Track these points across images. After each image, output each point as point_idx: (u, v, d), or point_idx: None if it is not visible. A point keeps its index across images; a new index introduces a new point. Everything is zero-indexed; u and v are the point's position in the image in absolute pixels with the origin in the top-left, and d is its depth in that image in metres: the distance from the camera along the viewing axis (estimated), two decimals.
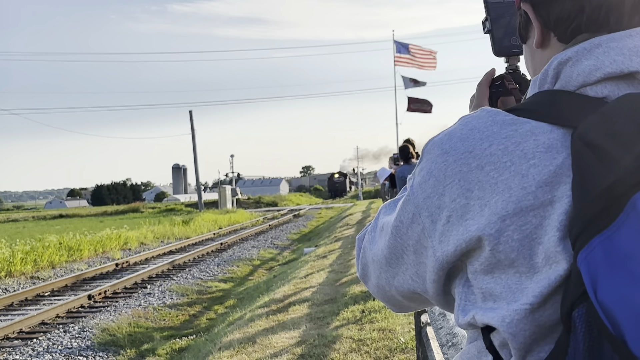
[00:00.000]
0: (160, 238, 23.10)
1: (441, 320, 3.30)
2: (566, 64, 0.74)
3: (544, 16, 0.79)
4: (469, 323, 0.74)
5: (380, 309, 6.49)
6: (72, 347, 8.17)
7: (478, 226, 0.70)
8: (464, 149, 0.73)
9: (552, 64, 0.76)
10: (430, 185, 0.76)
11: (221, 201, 46.56)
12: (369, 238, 0.91)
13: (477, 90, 1.07)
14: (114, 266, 15.19)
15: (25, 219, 47.46)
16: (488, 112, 0.76)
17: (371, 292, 0.95)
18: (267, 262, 16.39)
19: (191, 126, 45.12)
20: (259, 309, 7.93)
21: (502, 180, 0.70)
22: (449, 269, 0.76)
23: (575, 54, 0.74)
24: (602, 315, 0.59)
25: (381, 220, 0.88)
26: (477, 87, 1.08)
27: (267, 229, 26.47)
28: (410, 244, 0.80)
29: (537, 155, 0.69)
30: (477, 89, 1.08)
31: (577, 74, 0.73)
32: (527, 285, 0.68)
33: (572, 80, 0.74)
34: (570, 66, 0.74)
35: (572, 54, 0.74)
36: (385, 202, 0.94)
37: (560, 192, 0.68)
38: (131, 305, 10.60)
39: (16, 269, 14.69)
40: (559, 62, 0.75)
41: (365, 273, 0.92)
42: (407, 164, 8.45)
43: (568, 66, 0.74)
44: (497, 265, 0.70)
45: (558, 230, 0.67)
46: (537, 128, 0.71)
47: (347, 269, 9.98)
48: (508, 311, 0.69)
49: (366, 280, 0.93)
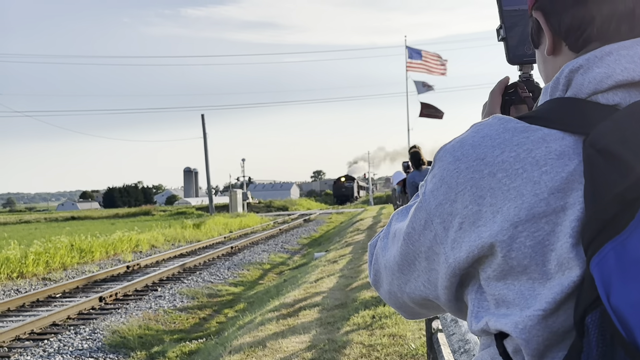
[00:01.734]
0: (171, 241, 23.21)
1: (453, 327, 3.28)
2: (577, 72, 0.74)
3: (555, 25, 0.80)
4: (482, 329, 0.75)
5: (391, 314, 6.47)
6: (83, 348, 8.21)
7: (490, 232, 0.70)
8: (475, 156, 0.74)
9: (564, 72, 0.76)
10: (442, 192, 0.76)
11: (232, 205, 46.68)
12: (382, 245, 0.91)
13: (490, 98, 1.08)
14: (125, 268, 15.27)
15: (38, 221, 47.87)
16: (500, 119, 0.76)
17: (383, 299, 0.95)
18: (277, 266, 16.41)
19: (203, 130, 45.32)
20: (269, 312, 7.93)
21: (514, 187, 0.70)
22: (461, 276, 0.76)
23: (586, 62, 0.74)
24: (615, 320, 0.59)
25: (393, 227, 0.89)
26: (489, 95, 1.08)
27: (278, 233, 26.50)
28: (422, 250, 0.80)
29: (549, 162, 0.70)
30: (489, 96, 1.08)
31: (589, 81, 0.73)
32: (540, 292, 0.68)
33: (583, 87, 0.73)
34: (582, 74, 0.74)
35: (583, 61, 0.74)
36: (397, 209, 0.94)
37: (573, 198, 0.68)
38: (142, 307, 10.64)
39: (28, 270, 14.80)
40: (570, 70, 0.75)
41: (378, 279, 0.93)
42: (418, 169, 8.43)
43: (579, 74, 0.74)
44: (509, 272, 0.70)
45: (570, 237, 0.67)
46: (548, 135, 0.71)
47: (358, 274, 9.96)
48: (521, 317, 0.69)
49: (378, 287, 0.94)
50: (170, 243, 22.83)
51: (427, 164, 8.52)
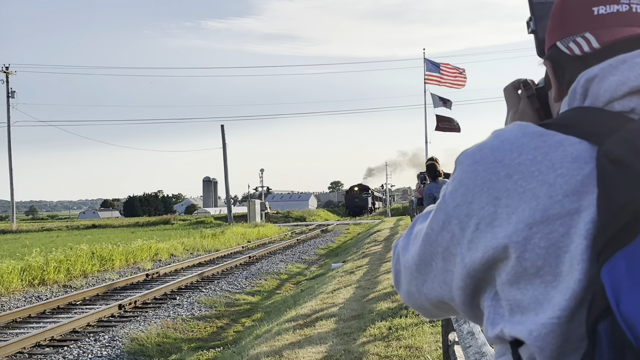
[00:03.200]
0: (190, 250, 23.34)
1: (470, 339, 3.28)
2: (593, 81, 0.77)
3: (559, 75, 0.86)
4: (497, 336, 0.76)
5: (407, 326, 6.46)
6: (102, 355, 8.30)
7: (505, 233, 0.72)
8: (493, 159, 0.76)
9: (580, 82, 0.79)
10: (460, 193, 0.78)
11: (250, 215, 46.82)
12: (403, 245, 0.93)
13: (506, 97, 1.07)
14: (144, 277, 15.40)
15: (59, 229, 48.42)
16: (519, 125, 0.79)
17: (403, 299, 0.97)
18: (294, 277, 16.41)
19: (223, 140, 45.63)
20: (286, 322, 7.95)
21: (530, 188, 0.72)
22: (476, 281, 0.77)
23: (601, 71, 0.77)
24: (625, 329, 0.60)
25: (415, 228, 0.91)
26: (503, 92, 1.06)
27: (295, 244, 26.51)
28: (439, 251, 0.81)
29: (564, 165, 0.71)
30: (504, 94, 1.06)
31: (605, 89, 0.76)
32: (554, 295, 0.69)
33: (600, 96, 0.76)
34: (597, 83, 0.77)
35: (598, 70, 0.77)
36: (420, 212, 0.97)
37: (587, 201, 0.69)
38: (160, 315, 10.72)
39: (49, 277, 14.99)
40: (586, 80, 0.78)
41: (398, 279, 0.94)
42: (435, 181, 8.42)
43: (595, 83, 0.77)
44: (523, 275, 0.71)
45: (585, 239, 0.68)
46: (565, 140, 0.73)
47: (375, 285, 9.94)
48: (536, 324, 0.70)
49: (398, 287, 0.95)
50: (189, 252, 22.96)
51: (443, 176, 8.52)
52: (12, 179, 46.62)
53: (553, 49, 0.87)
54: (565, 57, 0.84)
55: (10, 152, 46.75)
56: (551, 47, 0.88)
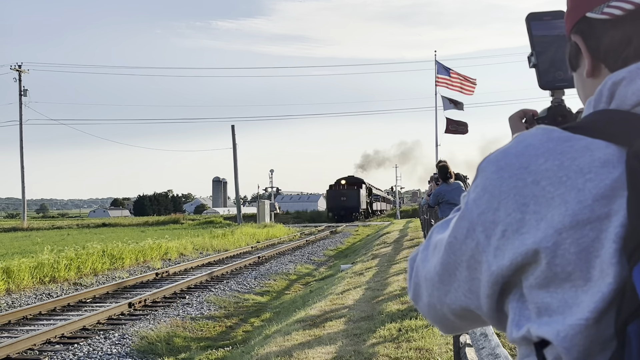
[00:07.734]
0: (200, 249, 23.41)
1: (482, 341, 3.26)
2: (620, 84, 0.76)
3: (593, 47, 0.82)
4: (523, 337, 0.75)
5: (417, 327, 6.43)
6: (112, 353, 8.33)
7: (534, 239, 0.71)
8: (519, 165, 0.75)
9: (607, 84, 0.78)
10: (484, 200, 0.77)
11: (259, 215, 46.88)
12: (422, 257, 0.91)
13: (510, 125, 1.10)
14: (154, 275, 15.46)
15: (70, 227, 48.71)
16: (543, 129, 0.77)
17: (422, 313, 0.95)
18: (303, 277, 16.41)
19: (233, 140, 45.75)
20: (295, 323, 7.94)
21: (559, 194, 0.71)
22: (503, 284, 0.76)
23: (629, 74, 0.76)
24: None
25: (434, 239, 0.89)
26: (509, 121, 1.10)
27: (304, 244, 26.51)
28: (463, 259, 0.80)
29: (593, 170, 0.70)
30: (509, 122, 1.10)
31: (632, 92, 0.75)
32: (583, 299, 0.69)
33: (627, 99, 0.75)
34: (625, 86, 0.76)
35: (626, 73, 0.76)
36: (438, 222, 0.95)
37: (617, 205, 0.69)
38: (170, 314, 10.75)
39: (60, 275, 15.08)
40: (613, 82, 0.77)
41: (417, 293, 0.92)
42: (446, 182, 8.40)
43: (622, 86, 0.76)
44: (553, 279, 0.71)
45: (615, 243, 0.67)
46: (592, 144, 0.72)
47: (384, 287, 9.92)
48: (563, 326, 0.69)
49: (417, 300, 0.93)
50: (198, 252, 23.03)
51: (454, 178, 8.49)
52: (23, 177, 46.99)
53: (582, 22, 0.84)
54: (599, 27, 0.81)
55: (22, 150, 47.13)
56: (577, 22, 0.84)
